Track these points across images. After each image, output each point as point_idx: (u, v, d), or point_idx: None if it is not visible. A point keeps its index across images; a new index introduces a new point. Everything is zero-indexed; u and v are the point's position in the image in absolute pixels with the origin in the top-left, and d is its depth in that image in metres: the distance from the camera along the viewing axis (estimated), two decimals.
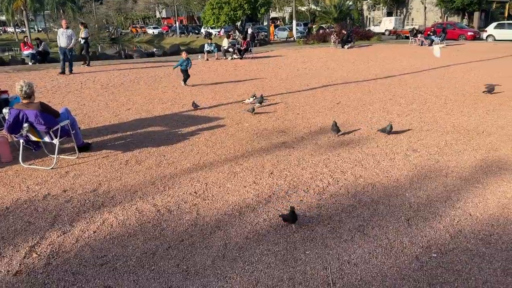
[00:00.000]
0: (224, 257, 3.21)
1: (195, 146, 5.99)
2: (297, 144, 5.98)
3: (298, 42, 30.95)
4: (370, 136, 6.28)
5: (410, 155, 5.41)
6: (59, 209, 4.03)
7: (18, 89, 4.91)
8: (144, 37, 58.28)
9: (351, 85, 11.07)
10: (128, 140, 6.35)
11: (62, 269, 3.07)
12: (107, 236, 3.51)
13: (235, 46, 19.69)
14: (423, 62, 16.20)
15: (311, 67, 15.54)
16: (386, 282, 2.86)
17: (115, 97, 9.88)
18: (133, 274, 2.99)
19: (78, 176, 4.89)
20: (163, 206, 4.06)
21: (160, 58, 21.06)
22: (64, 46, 13.50)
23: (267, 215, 3.85)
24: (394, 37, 35.64)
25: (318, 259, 3.14)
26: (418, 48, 23.65)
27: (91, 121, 7.55)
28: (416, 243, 3.34)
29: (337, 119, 7.32)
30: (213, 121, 7.49)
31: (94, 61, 19.75)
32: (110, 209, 4.01)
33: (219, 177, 4.82)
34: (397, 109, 8.09)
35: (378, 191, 4.32)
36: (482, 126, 6.70)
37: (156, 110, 8.46)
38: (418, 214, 3.81)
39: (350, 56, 19.49)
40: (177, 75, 13.70)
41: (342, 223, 3.67)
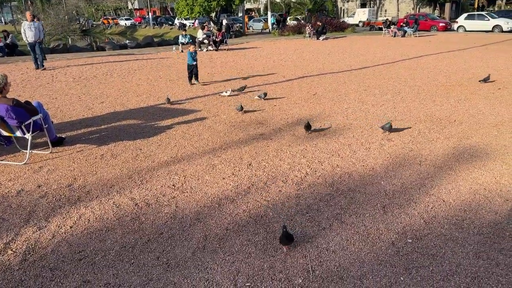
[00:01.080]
0: (205, 248, 3.21)
1: (172, 139, 5.94)
2: (275, 136, 6.01)
3: (273, 34, 30.94)
4: (346, 126, 6.37)
5: (385, 144, 5.52)
6: (33, 205, 3.94)
7: None
8: (116, 28, 57.01)
9: (326, 76, 11.17)
10: (102, 134, 6.24)
11: (39, 265, 3.01)
12: (84, 231, 3.46)
13: (210, 37, 19.51)
14: (397, 53, 16.48)
15: (287, 58, 15.57)
16: (364, 268, 2.93)
17: (88, 90, 9.66)
18: (113, 268, 2.97)
19: (52, 171, 4.79)
20: (141, 200, 4.03)
21: (133, 50, 20.69)
22: (33, 40, 12.55)
23: (246, 206, 3.86)
24: (368, 29, 36.08)
25: (297, 248, 3.18)
26: (392, 39, 24.02)
27: (63, 115, 7.37)
28: (392, 229, 3.43)
29: (313, 110, 7.41)
30: (190, 113, 7.43)
31: (65, 53, 19.24)
32: (87, 204, 3.95)
33: (198, 169, 4.81)
34: (372, 99, 8.22)
35: (355, 180, 4.40)
36: (454, 115, 6.89)
37: (131, 103, 8.33)
38: (394, 201, 3.91)
39: (325, 48, 19.63)
40: (151, 68, 13.52)
41: (320, 212, 3.73)
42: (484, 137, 5.71)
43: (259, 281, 2.81)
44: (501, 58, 14.05)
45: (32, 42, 12.60)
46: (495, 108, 7.30)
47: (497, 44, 18.98)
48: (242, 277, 2.86)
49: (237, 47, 20.98)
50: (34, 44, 12.65)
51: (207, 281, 2.83)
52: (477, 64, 12.67)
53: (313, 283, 2.78)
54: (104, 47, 22.02)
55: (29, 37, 12.52)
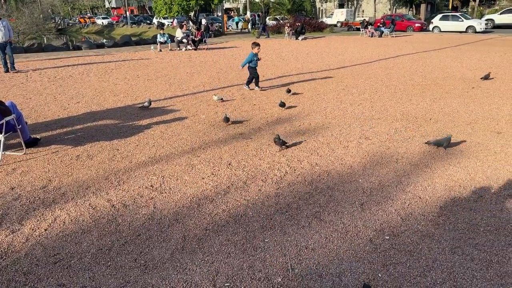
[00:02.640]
0: (183, 249, 3.18)
1: (151, 139, 5.87)
2: (254, 135, 6.00)
3: (253, 33, 30.94)
4: (325, 125, 6.41)
5: (363, 142, 5.59)
6: (6, 208, 3.82)
7: None
8: (93, 27, 56.07)
9: (305, 76, 11.24)
10: (78, 134, 6.11)
11: (12, 269, 2.93)
12: (59, 234, 3.38)
13: (189, 37, 19.39)
14: (374, 53, 16.71)
15: (266, 58, 15.59)
16: (343, 265, 2.95)
17: (64, 90, 9.46)
18: (89, 271, 2.90)
19: (26, 172, 4.66)
20: (118, 201, 3.96)
21: (110, 50, 20.37)
22: (3, 40, 11.61)
23: (226, 206, 3.85)
24: (346, 29, 36.50)
25: (277, 246, 3.19)
26: (369, 39, 24.34)
27: (38, 116, 7.19)
28: (370, 226, 3.46)
29: (292, 110, 7.44)
30: (169, 113, 7.36)
31: (40, 53, 18.80)
32: (62, 206, 3.85)
33: (176, 169, 4.76)
34: (350, 98, 8.31)
35: (334, 178, 4.43)
36: (429, 114, 7.02)
37: (108, 103, 8.19)
38: (371, 198, 3.96)
39: (304, 48, 19.75)
40: (129, 67, 13.33)
41: (299, 210, 3.74)
42: (459, 135, 5.84)
43: (238, 281, 2.80)
44: (474, 58, 14.41)
45: (3, 42, 11.65)
46: (469, 106, 7.48)
47: (471, 44, 19.47)
48: (221, 277, 2.84)
49: (216, 46, 20.92)
50: (5, 44, 11.72)
51: (185, 282, 2.80)
52: (452, 64, 12.96)
53: (293, 281, 2.79)
54: (80, 46, 21.61)
55: None
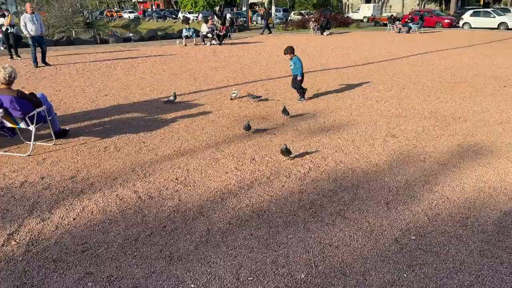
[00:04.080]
0: (207, 242, 3.21)
1: (176, 133, 5.94)
2: (278, 130, 5.99)
3: (277, 28, 30.81)
4: (350, 122, 6.34)
5: (389, 140, 5.50)
6: (37, 196, 3.94)
7: (3, 73, 4.74)
8: (120, 21, 56.92)
9: (330, 72, 11.13)
10: (106, 127, 6.24)
11: (42, 256, 3.02)
12: (87, 223, 3.47)
13: (214, 31, 19.45)
14: (401, 49, 16.39)
15: None
16: (367, 264, 2.92)
17: (92, 83, 9.66)
18: (115, 261, 2.97)
19: (55, 163, 4.79)
20: (144, 193, 4.03)
21: (137, 44, 20.66)
22: (36, 34, 11.61)
23: (249, 201, 3.86)
24: (373, 24, 35.89)
25: (300, 243, 3.18)
26: (396, 35, 23.89)
27: (67, 107, 7.37)
28: (396, 226, 3.41)
29: (317, 106, 7.39)
30: (193, 107, 7.42)
31: (69, 46, 19.22)
32: (90, 196, 3.95)
33: (201, 163, 4.80)
34: (376, 95, 8.19)
35: (358, 176, 4.38)
36: (458, 112, 6.85)
37: (134, 96, 8.32)
38: (397, 198, 3.90)
39: (329, 43, 19.54)
40: (155, 61, 13.49)
41: (323, 207, 3.72)
42: (489, 135, 5.68)
43: (261, 276, 2.81)
44: (506, 55, 13.96)
45: (35, 36, 11.65)
46: (500, 105, 7.26)
47: (503, 42, 18.85)
48: (244, 271, 2.86)
49: (240, 41, 20.92)
50: (37, 38, 11.73)
51: (209, 274, 2.83)
52: (483, 61, 12.59)
53: (316, 278, 2.78)
54: (107, 40, 22.01)
55: (31, 30, 11.54)
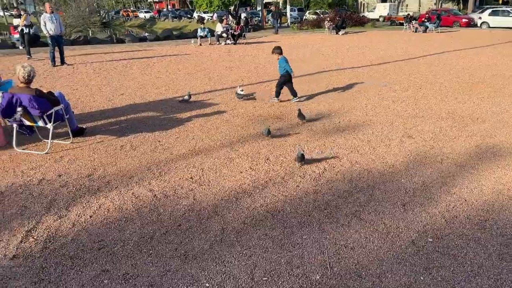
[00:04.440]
0: (222, 241, 3.21)
1: (190, 132, 5.96)
2: (293, 130, 5.97)
3: (292, 28, 30.73)
4: (365, 123, 6.28)
5: (405, 141, 5.43)
6: (54, 194, 4.00)
7: (22, 72, 4.83)
8: (136, 21, 57.42)
9: (346, 71, 11.05)
10: (122, 126, 6.30)
11: (59, 253, 3.06)
12: (104, 221, 3.50)
13: (229, 31, 19.49)
14: (418, 48, 16.18)
15: (305, 53, 15.45)
16: (383, 266, 2.89)
17: (108, 82, 9.76)
18: (131, 258, 2.99)
19: (72, 161, 4.85)
20: (160, 191, 4.05)
21: (152, 43, 20.82)
22: (55, 33, 11.77)
23: (264, 200, 3.85)
24: (389, 24, 35.52)
25: (315, 244, 3.16)
26: (413, 34, 23.60)
27: (84, 106, 7.46)
28: (412, 228, 3.37)
29: (332, 106, 7.34)
30: (208, 107, 7.44)
31: (85, 45, 19.47)
32: (106, 194, 3.99)
33: (215, 162, 4.81)
34: (392, 95, 8.10)
35: (374, 177, 4.34)
36: (476, 113, 6.73)
37: (150, 96, 8.38)
38: (414, 199, 3.84)
39: (345, 42, 19.40)
40: (170, 61, 13.57)
41: (338, 208, 3.69)
42: (508, 136, 5.57)
43: (276, 276, 2.80)
44: None
45: (55, 35, 11.81)
46: None
47: None
48: (259, 271, 2.85)
49: (255, 41, 20.92)
50: (56, 38, 11.88)
51: (224, 274, 2.83)
52: (501, 61, 12.36)
53: (331, 280, 2.76)
54: (124, 39, 22.22)
55: (50, 30, 11.66)
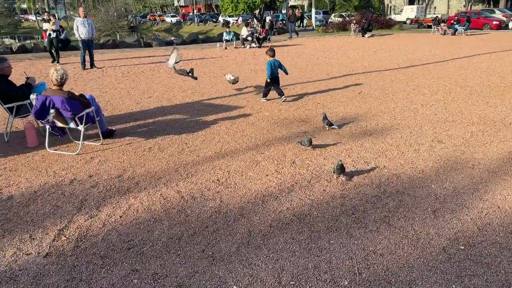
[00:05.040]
0: (249, 244, 3.22)
1: (216, 135, 6.01)
2: (319, 134, 5.93)
3: (317, 31, 30.60)
4: (393, 127, 6.18)
5: (435, 146, 5.32)
6: (85, 194, 4.10)
7: (55, 75, 4.99)
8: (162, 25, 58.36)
9: (372, 75, 10.91)
10: (150, 128, 6.41)
11: (90, 252, 3.13)
12: (133, 221, 3.57)
13: (254, 34, 19.57)
14: (447, 51, 15.84)
15: (331, 56, 15.35)
16: (413, 273, 2.83)
17: (136, 85, 9.95)
18: (160, 259, 3.03)
19: (103, 162, 4.96)
20: (187, 193, 4.10)
21: (178, 47, 21.08)
22: (87, 37, 12.17)
23: (290, 204, 3.84)
24: (416, 26, 34.92)
25: (343, 249, 3.13)
26: (441, 37, 23.12)
27: (113, 109, 7.63)
28: (443, 235, 3.29)
29: (359, 109, 7.26)
30: (233, 109, 7.49)
31: (114, 49, 19.92)
32: (136, 195, 4.06)
33: (241, 165, 4.83)
34: (421, 99, 7.94)
35: (403, 182, 4.26)
36: (509, 118, 6.52)
37: (177, 98, 8.50)
38: (445, 205, 3.75)
39: (371, 45, 19.18)
40: (196, 64, 13.72)
41: (366, 213, 3.64)
42: None
43: (303, 281, 2.78)
44: None
45: (86, 39, 12.20)
46: None
47: None
48: (286, 275, 2.84)
49: (280, 44, 20.93)
50: (87, 41, 12.26)
51: (251, 276, 2.83)
52: None
53: (360, 286, 2.72)
54: (151, 43, 22.61)
55: (82, 34, 12.08)
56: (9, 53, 18.55)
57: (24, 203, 3.93)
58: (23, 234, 3.38)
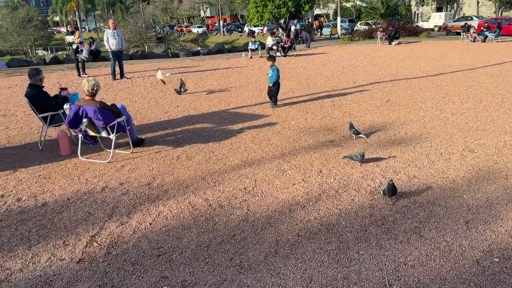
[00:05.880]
0: (276, 253, 3.22)
1: (243, 143, 6.04)
2: (346, 143, 5.89)
3: (342, 39, 30.46)
4: (423, 135, 6.07)
5: (467, 155, 5.19)
6: (116, 201, 4.19)
7: (87, 86, 5.16)
8: (189, 36, 59.38)
9: (400, 83, 10.76)
10: (178, 136, 6.51)
11: (121, 258, 3.20)
12: (162, 228, 3.62)
13: (279, 44, 19.65)
14: (477, 59, 15.47)
15: (357, 64, 15.24)
16: (446, 286, 2.76)
17: (164, 95, 10.14)
18: (189, 266, 3.07)
19: (133, 170, 5.07)
20: (215, 201, 4.13)
21: (205, 57, 21.40)
22: (117, 48, 12.42)
23: (317, 213, 3.82)
24: (444, 33, 34.28)
25: (372, 260, 3.08)
26: (471, 44, 22.62)
27: (143, 118, 7.80)
28: (476, 246, 3.20)
29: (386, 118, 7.16)
30: (259, 118, 7.52)
31: (143, 60, 20.38)
32: (165, 202, 4.13)
33: (268, 174, 4.84)
34: (451, 107, 7.78)
35: (434, 192, 4.17)
36: None
37: (204, 107, 8.61)
38: (478, 216, 3.65)
39: (398, 53, 18.94)
40: (222, 74, 13.89)
41: (396, 224, 3.58)
42: None
43: None
44: None
45: (116, 50, 12.44)
46: None
47: None
48: (315, 286, 2.82)
49: (305, 53, 20.93)
50: (117, 52, 12.52)
51: (279, 286, 2.82)
52: None
53: None
54: (178, 54, 23.05)
55: (112, 45, 12.33)
56: (43, 64, 19.28)
57: (58, 209, 4.05)
58: (57, 240, 3.48)
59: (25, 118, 7.94)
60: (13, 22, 27.01)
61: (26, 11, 33.19)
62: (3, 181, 4.80)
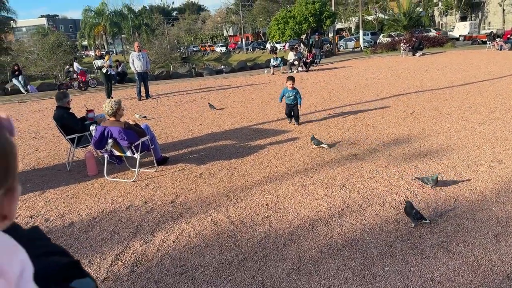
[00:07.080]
0: (299, 270, 3.18)
1: (265, 159, 6.05)
2: (369, 156, 5.81)
3: (365, 52, 30.31)
4: (449, 147, 5.93)
5: (495, 166, 5.03)
6: (141, 220, 4.26)
7: (106, 108, 5.32)
8: (213, 55, 60.38)
9: (425, 94, 10.59)
10: (201, 154, 6.58)
11: (145, 277, 3.23)
12: (185, 246, 3.65)
13: (301, 59, 19.73)
14: (503, 68, 15.07)
15: (380, 76, 15.11)
16: None
17: (188, 113, 10.31)
18: (211, 284, 3.07)
19: (157, 188, 5.15)
20: (237, 218, 4.14)
21: (228, 75, 21.69)
22: (142, 70, 12.70)
23: (341, 229, 3.76)
24: (470, 43, 33.63)
25: (398, 276, 3.00)
26: (497, 53, 22.09)
27: (167, 136, 7.93)
28: (507, 260, 3.07)
29: (411, 130, 7.04)
30: (281, 134, 7.53)
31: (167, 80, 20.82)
32: (188, 220, 4.16)
33: (290, 189, 4.82)
34: (478, 117, 7.58)
35: (462, 205, 4.05)
36: None
37: (226, 124, 8.69)
38: (508, 230, 3.52)
39: (423, 64, 18.68)
40: (244, 91, 14.02)
41: (422, 238, 3.49)
42: None
43: None
44: None
45: (141, 71, 12.70)
46: None
47: None
48: None
49: (327, 67, 20.92)
50: (142, 74, 12.76)
51: None
52: None
53: None
54: (202, 72, 23.44)
55: (137, 67, 12.60)
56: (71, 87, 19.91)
57: (84, 229, 4.15)
58: (82, 259, 3.55)
59: (54, 140, 8.20)
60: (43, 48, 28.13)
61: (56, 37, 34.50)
62: (32, 202, 4.95)
